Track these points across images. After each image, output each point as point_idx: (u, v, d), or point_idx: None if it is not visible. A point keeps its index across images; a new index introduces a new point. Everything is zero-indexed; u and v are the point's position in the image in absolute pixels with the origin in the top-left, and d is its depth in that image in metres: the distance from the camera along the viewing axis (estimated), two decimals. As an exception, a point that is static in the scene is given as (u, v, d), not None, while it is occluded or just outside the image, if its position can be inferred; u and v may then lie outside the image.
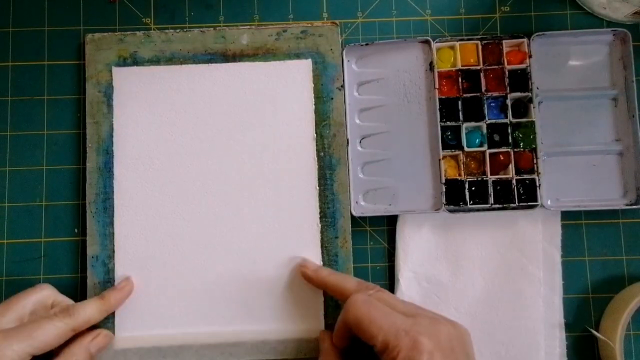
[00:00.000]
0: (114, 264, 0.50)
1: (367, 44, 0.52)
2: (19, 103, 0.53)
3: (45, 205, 0.52)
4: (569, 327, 0.49)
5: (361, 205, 0.51)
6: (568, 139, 0.51)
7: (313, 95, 0.52)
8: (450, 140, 0.51)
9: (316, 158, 0.51)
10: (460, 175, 0.50)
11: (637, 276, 0.51)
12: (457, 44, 0.51)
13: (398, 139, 0.51)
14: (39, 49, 0.53)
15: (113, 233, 0.50)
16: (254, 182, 0.51)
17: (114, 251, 0.50)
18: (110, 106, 0.51)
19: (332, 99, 0.51)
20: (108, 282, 0.49)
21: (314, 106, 0.51)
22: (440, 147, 0.50)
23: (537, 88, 0.51)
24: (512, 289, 0.49)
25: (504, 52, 0.51)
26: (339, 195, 0.50)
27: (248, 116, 0.51)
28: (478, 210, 0.50)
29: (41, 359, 0.44)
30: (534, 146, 0.50)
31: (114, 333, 0.49)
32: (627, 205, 0.50)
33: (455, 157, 0.51)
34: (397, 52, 0.52)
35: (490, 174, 0.50)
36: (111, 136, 0.51)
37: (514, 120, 0.50)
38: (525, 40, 0.51)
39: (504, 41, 0.51)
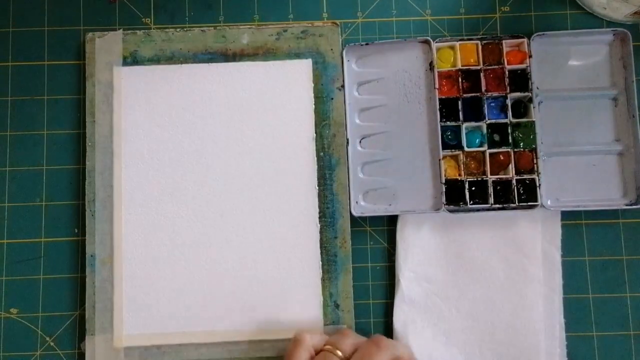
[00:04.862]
0: (113, 264, 0.50)
1: (367, 44, 0.52)
2: (19, 103, 0.53)
3: (45, 205, 0.52)
4: (569, 327, 0.49)
5: (361, 205, 0.51)
6: (568, 139, 0.51)
7: (313, 95, 0.52)
8: (450, 140, 0.51)
9: (316, 158, 0.51)
10: (460, 175, 0.50)
11: (637, 276, 0.51)
12: (457, 44, 0.51)
13: (398, 139, 0.51)
14: (39, 49, 0.53)
15: (112, 232, 0.50)
16: (253, 182, 0.51)
17: (113, 250, 0.50)
18: (109, 105, 0.51)
19: (332, 99, 0.51)
20: (107, 281, 0.49)
21: (313, 106, 0.51)
22: (440, 147, 0.50)
23: (537, 88, 0.51)
24: (512, 288, 0.49)
25: (504, 52, 0.51)
26: (339, 195, 0.50)
27: (248, 116, 0.51)
28: (478, 210, 0.50)
29: None
30: (534, 146, 0.50)
31: (112, 332, 0.49)
32: (627, 205, 0.50)
33: (455, 157, 0.51)
34: (397, 52, 0.52)
35: (490, 174, 0.50)
36: (111, 135, 0.51)
37: (514, 120, 0.50)
38: (525, 40, 0.51)
39: (504, 41, 0.51)
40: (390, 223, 0.52)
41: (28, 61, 0.53)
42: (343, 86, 0.52)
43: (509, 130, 0.50)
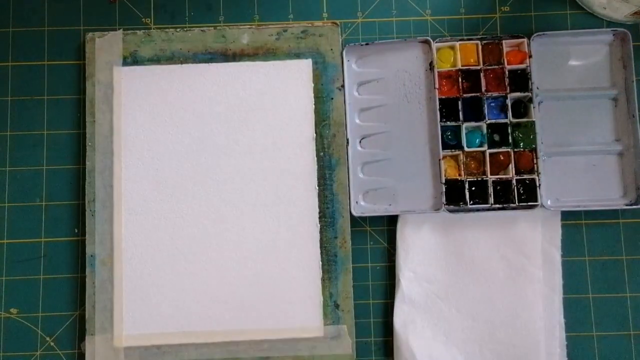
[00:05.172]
0: (113, 264, 0.50)
1: (367, 44, 0.52)
2: (19, 103, 0.53)
3: (45, 205, 0.52)
4: (569, 327, 0.49)
5: (361, 205, 0.51)
6: (568, 139, 0.51)
7: (313, 95, 0.52)
8: (450, 140, 0.51)
9: (316, 158, 0.51)
10: (460, 175, 0.50)
11: (637, 276, 0.51)
12: (457, 44, 0.51)
13: (398, 139, 0.51)
14: (39, 49, 0.53)
15: (112, 232, 0.50)
16: (253, 182, 0.51)
17: (113, 250, 0.50)
18: (109, 105, 0.51)
19: (332, 99, 0.51)
20: (107, 281, 0.49)
21: (313, 106, 0.51)
22: (440, 147, 0.50)
23: (537, 88, 0.51)
24: (512, 288, 0.49)
25: (504, 52, 0.51)
26: (339, 195, 0.50)
27: (248, 116, 0.51)
28: (478, 210, 0.50)
29: None
30: (534, 146, 0.50)
31: (112, 332, 0.49)
32: (627, 205, 0.50)
33: (455, 157, 0.51)
34: (397, 52, 0.52)
35: (490, 174, 0.50)
36: (110, 135, 0.51)
37: (514, 120, 0.50)
38: (525, 40, 0.51)
39: (504, 41, 0.51)
40: (390, 223, 0.52)
41: (28, 61, 0.53)
42: (343, 86, 0.52)
43: (509, 130, 0.50)
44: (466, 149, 0.50)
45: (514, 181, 0.50)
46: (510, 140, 0.50)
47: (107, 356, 0.49)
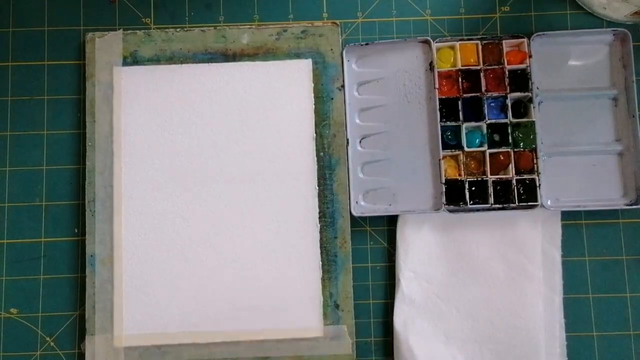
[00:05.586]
0: (113, 264, 0.50)
1: (367, 44, 0.52)
2: (19, 103, 0.53)
3: (45, 205, 0.52)
4: (569, 327, 0.49)
5: (361, 205, 0.51)
6: (568, 139, 0.51)
7: (313, 95, 0.52)
8: (450, 140, 0.51)
9: (316, 158, 0.51)
10: (460, 175, 0.50)
11: (637, 276, 0.51)
12: (457, 44, 0.51)
13: (398, 139, 0.51)
14: (39, 49, 0.53)
15: (112, 232, 0.50)
16: (253, 182, 0.51)
17: (113, 250, 0.50)
18: (109, 105, 0.51)
19: (332, 99, 0.51)
20: (107, 281, 0.49)
21: (313, 106, 0.51)
22: (440, 147, 0.50)
23: (537, 88, 0.51)
24: (512, 288, 0.49)
25: (504, 52, 0.51)
26: (339, 195, 0.50)
27: (248, 116, 0.51)
28: (478, 210, 0.50)
29: None
30: (534, 146, 0.50)
31: (112, 332, 0.49)
32: (627, 205, 0.50)
33: (455, 157, 0.51)
34: (397, 52, 0.52)
35: (490, 174, 0.50)
36: (110, 135, 0.51)
37: (514, 120, 0.50)
38: (525, 40, 0.51)
39: (504, 41, 0.51)
40: (390, 223, 0.52)
41: (28, 61, 0.53)
42: (343, 86, 0.52)
43: (509, 130, 0.50)
44: (466, 149, 0.50)
45: (514, 181, 0.50)
46: (510, 140, 0.50)
47: (107, 356, 0.49)
